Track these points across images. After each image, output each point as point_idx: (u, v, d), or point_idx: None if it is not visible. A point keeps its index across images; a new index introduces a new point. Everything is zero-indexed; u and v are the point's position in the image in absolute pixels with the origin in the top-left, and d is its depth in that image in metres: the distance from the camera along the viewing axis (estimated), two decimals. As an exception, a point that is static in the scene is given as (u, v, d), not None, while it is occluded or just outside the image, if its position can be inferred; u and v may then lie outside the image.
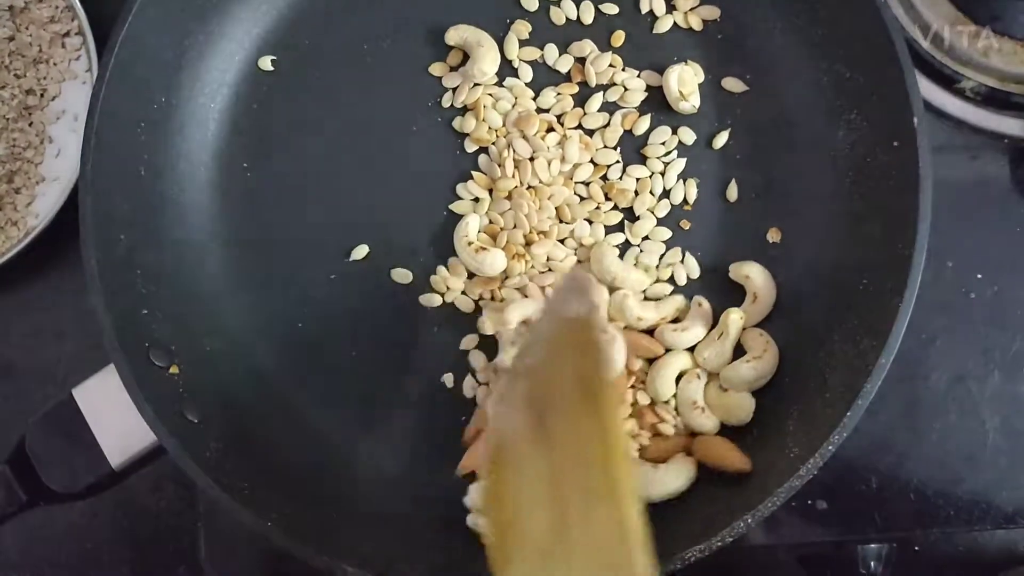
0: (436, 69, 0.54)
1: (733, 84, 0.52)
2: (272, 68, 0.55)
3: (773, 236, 0.51)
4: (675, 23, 0.53)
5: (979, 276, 0.56)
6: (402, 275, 0.52)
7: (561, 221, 0.52)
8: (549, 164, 0.51)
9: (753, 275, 0.50)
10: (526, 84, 0.53)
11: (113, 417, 0.46)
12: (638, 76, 0.53)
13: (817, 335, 0.48)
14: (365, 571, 0.43)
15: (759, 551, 0.55)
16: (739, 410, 0.48)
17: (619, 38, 0.53)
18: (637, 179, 0.52)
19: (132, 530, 0.58)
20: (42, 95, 0.62)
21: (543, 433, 0.30)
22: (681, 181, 0.52)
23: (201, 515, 0.54)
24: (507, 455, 0.31)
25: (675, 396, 0.49)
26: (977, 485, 0.54)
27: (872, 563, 0.55)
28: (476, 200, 0.52)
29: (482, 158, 0.53)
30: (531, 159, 0.51)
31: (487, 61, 0.52)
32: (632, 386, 0.49)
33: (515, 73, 0.54)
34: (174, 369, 0.48)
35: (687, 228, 0.52)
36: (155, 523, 0.58)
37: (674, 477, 0.47)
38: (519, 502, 0.30)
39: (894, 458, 0.54)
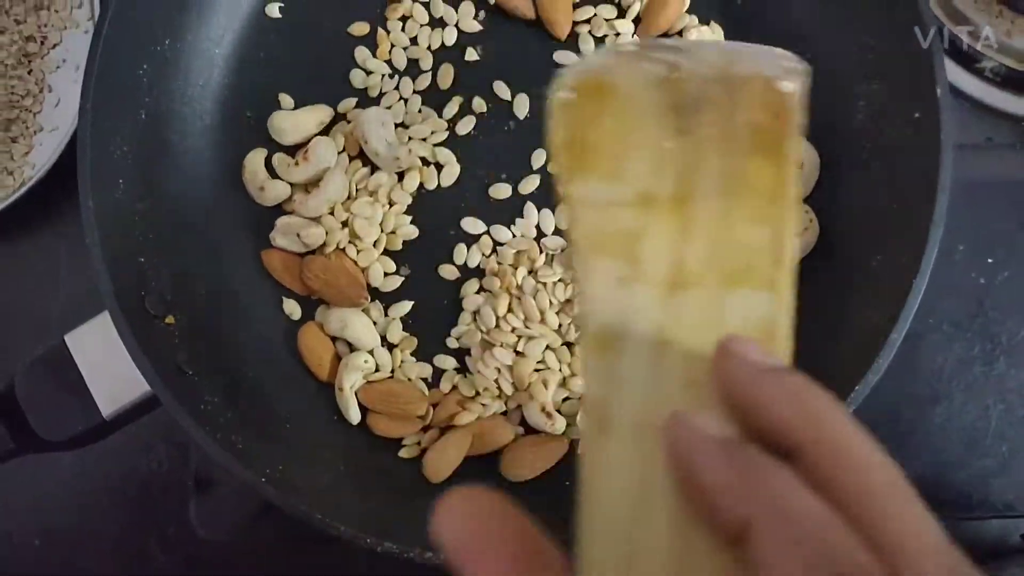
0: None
1: (752, 51, 0.51)
2: (279, 15, 0.53)
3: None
4: (696, -13, 0.52)
5: (989, 261, 0.55)
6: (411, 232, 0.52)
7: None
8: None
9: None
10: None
11: (106, 365, 0.45)
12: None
13: (828, 308, 0.48)
14: (361, 532, 0.42)
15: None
16: None
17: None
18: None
19: (122, 490, 0.58)
20: (42, 42, 0.61)
21: (678, 121, 0.27)
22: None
23: (192, 474, 0.54)
24: (612, 94, 0.28)
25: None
26: (977, 471, 0.54)
27: (868, 546, 0.54)
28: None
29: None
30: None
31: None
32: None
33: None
34: (170, 319, 0.47)
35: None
36: (145, 483, 0.57)
37: None
38: (614, 137, 0.27)
39: (895, 440, 0.54)
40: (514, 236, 0.51)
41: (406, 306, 0.50)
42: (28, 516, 0.58)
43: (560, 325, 0.49)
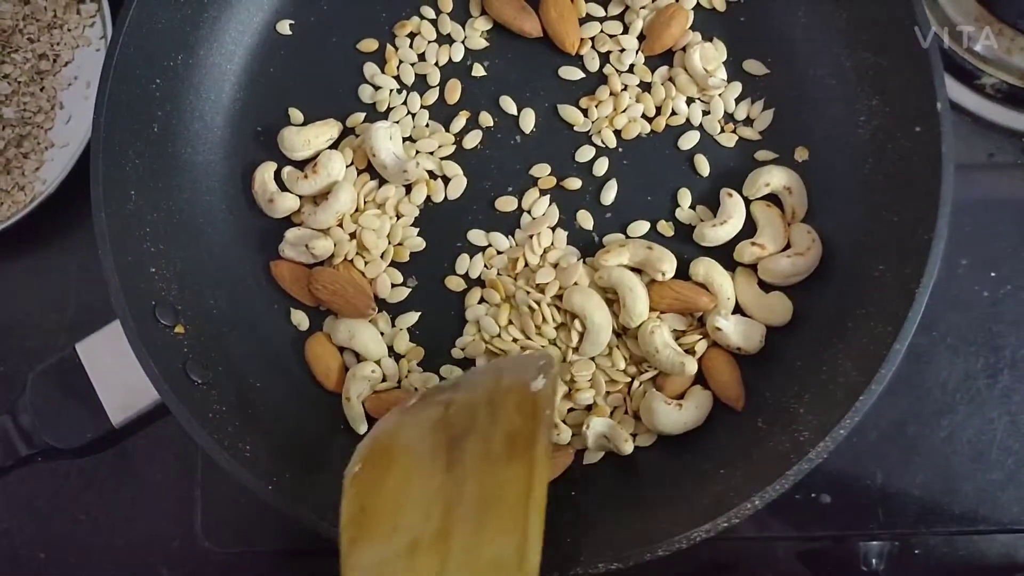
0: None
1: (755, 66, 0.52)
2: (290, 32, 0.54)
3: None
4: (699, 3, 0.53)
5: (992, 274, 0.55)
6: (418, 243, 0.52)
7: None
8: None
9: (774, 180, 0.50)
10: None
11: (116, 374, 0.45)
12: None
13: (832, 320, 0.48)
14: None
15: (757, 548, 0.55)
16: (778, 311, 0.49)
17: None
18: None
19: (127, 500, 0.58)
20: (55, 60, 0.61)
21: (449, 455, 0.31)
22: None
23: (199, 484, 0.54)
24: (393, 455, 0.33)
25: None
26: (982, 484, 0.54)
27: (873, 560, 0.54)
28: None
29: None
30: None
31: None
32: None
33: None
34: (179, 329, 0.47)
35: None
36: (150, 494, 0.58)
37: (692, 410, 0.48)
38: (392, 497, 0.32)
39: (900, 453, 0.54)
40: (512, 246, 0.51)
41: (413, 317, 0.51)
42: (33, 528, 0.58)
43: (556, 339, 0.49)
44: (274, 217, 0.52)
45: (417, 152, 0.52)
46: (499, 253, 0.51)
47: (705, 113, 0.52)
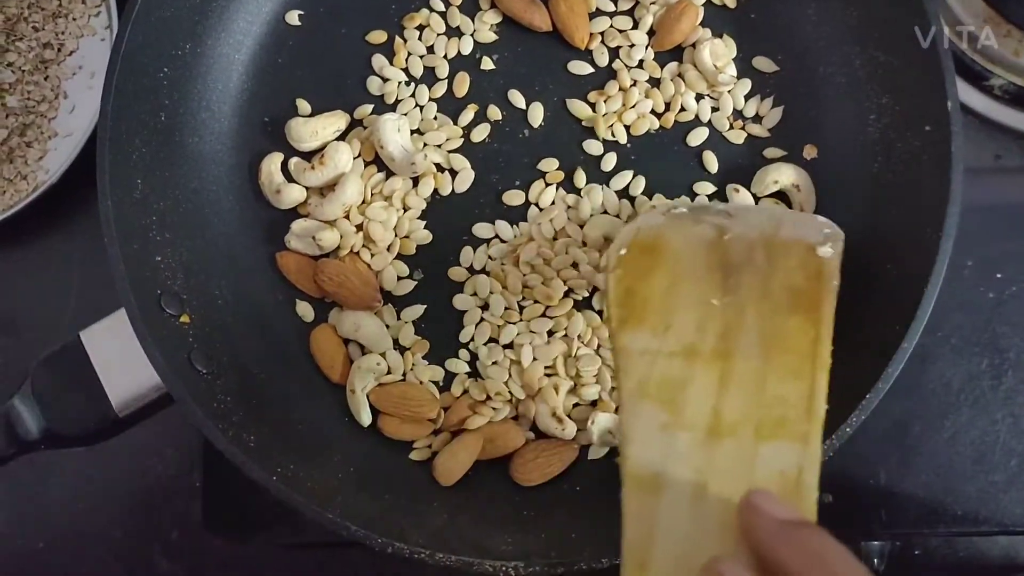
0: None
1: (764, 64, 0.52)
2: (299, 23, 0.54)
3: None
4: (709, 0, 0.53)
5: (998, 276, 0.55)
6: (424, 236, 0.52)
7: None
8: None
9: (782, 178, 0.50)
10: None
11: (120, 363, 0.45)
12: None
13: (838, 318, 0.47)
14: (371, 533, 0.42)
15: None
16: None
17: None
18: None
19: (127, 494, 0.58)
20: (59, 49, 0.61)
21: (724, 279, 0.30)
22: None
23: (201, 475, 0.54)
24: (660, 253, 0.31)
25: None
26: (985, 486, 0.54)
27: (875, 561, 0.54)
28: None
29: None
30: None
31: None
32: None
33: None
34: (185, 318, 0.47)
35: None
36: (151, 488, 0.58)
37: None
38: (662, 292, 0.30)
39: (903, 454, 0.54)
40: (516, 235, 0.51)
41: (418, 310, 0.51)
42: (32, 519, 0.58)
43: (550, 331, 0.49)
44: (280, 208, 0.51)
45: (425, 145, 0.52)
46: (503, 242, 0.51)
47: (714, 110, 0.52)
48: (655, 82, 0.53)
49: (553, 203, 0.51)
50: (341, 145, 0.51)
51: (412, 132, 0.52)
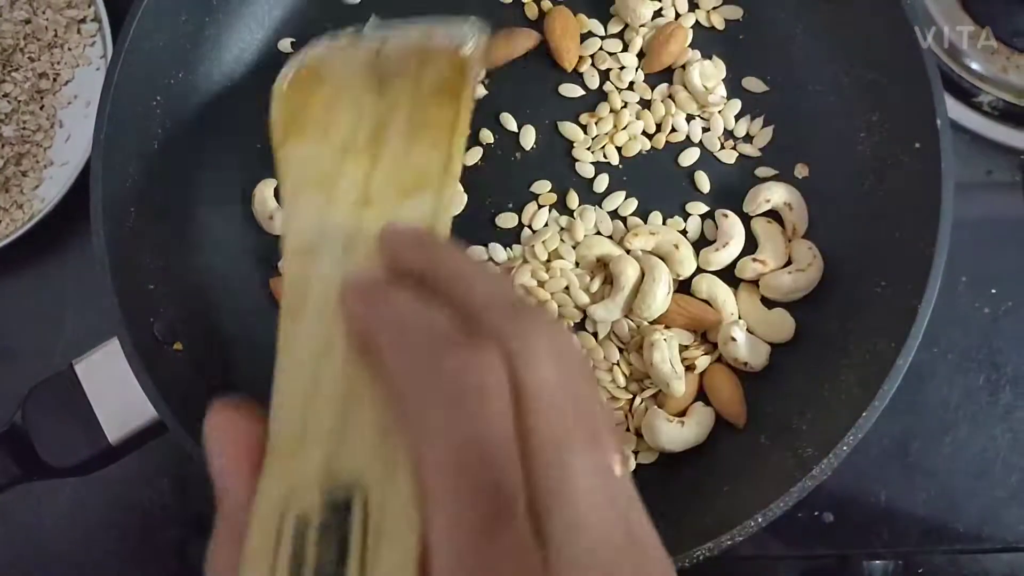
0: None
1: (754, 84, 0.53)
2: (291, 50, 0.54)
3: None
4: (697, 22, 0.53)
5: (993, 291, 0.55)
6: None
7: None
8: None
9: (774, 197, 0.50)
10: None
11: (113, 391, 0.45)
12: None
13: (834, 336, 0.48)
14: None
15: (760, 567, 0.54)
16: (780, 328, 0.49)
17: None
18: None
19: (122, 524, 0.57)
20: (55, 79, 0.62)
21: (380, 87, 0.34)
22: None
23: (195, 505, 0.53)
24: (322, 77, 0.36)
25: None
26: (986, 502, 0.53)
27: (879, 581, 0.54)
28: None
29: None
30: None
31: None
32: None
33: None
34: (178, 346, 0.47)
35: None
36: (146, 517, 0.57)
37: (694, 428, 0.48)
38: (323, 107, 0.34)
39: (903, 471, 0.54)
40: (508, 258, 0.51)
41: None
42: (27, 549, 0.57)
43: None
44: (273, 234, 0.51)
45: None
46: (496, 264, 0.51)
47: (705, 130, 0.52)
48: (646, 103, 0.53)
49: (546, 225, 0.51)
50: None
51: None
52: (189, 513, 0.55)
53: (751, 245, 0.50)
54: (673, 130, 0.52)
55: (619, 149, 0.52)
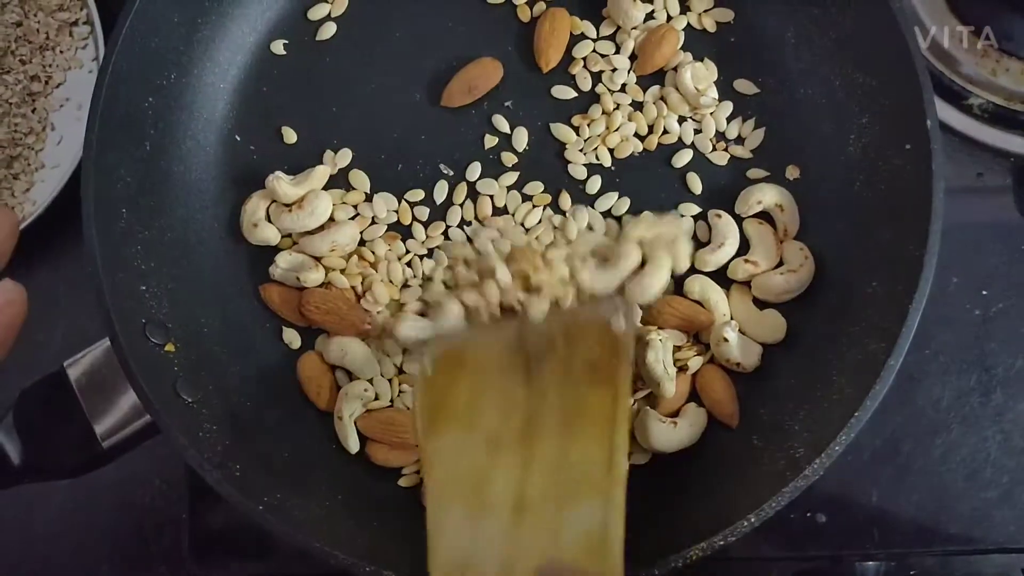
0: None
1: (745, 86, 0.53)
2: (284, 52, 0.54)
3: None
4: (689, 24, 0.54)
5: (984, 293, 0.56)
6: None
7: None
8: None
9: (766, 198, 0.50)
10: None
11: (105, 393, 0.45)
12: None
13: (825, 337, 0.48)
14: (359, 560, 0.42)
15: (752, 568, 0.54)
16: (772, 328, 0.49)
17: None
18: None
19: (113, 527, 0.57)
20: (47, 82, 0.62)
21: (526, 373, 0.32)
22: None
23: (187, 507, 0.53)
24: (465, 364, 0.33)
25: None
26: (977, 503, 0.54)
27: (870, 580, 0.54)
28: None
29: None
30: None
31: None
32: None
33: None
34: (170, 347, 0.47)
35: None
36: (137, 520, 0.57)
37: (686, 428, 0.48)
38: (468, 400, 0.32)
39: (895, 472, 0.54)
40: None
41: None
42: (17, 553, 0.57)
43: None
44: (251, 242, 0.51)
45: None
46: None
47: (697, 132, 0.52)
48: (638, 105, 0.53)
49: (539, 222, 0.52)
50: (323, 194, 0.51)
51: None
52: (180, 516, 0.55)
53: (743, 246, 0.51)
54: (665, 132, 0.52)
55: (611, 151, 0.52)
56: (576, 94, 0.53)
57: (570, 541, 0.28)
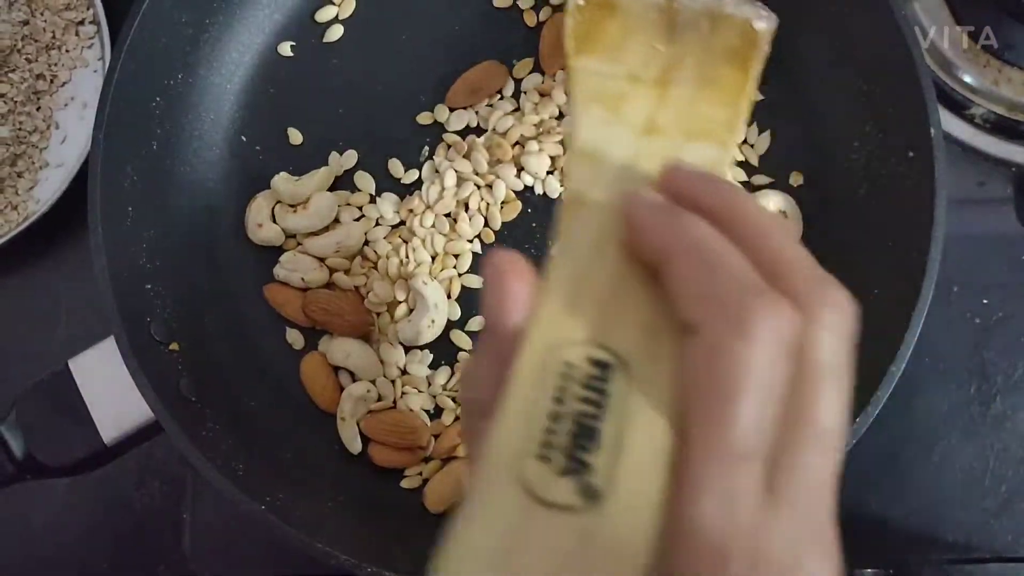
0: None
1: (750, 93, 0.53)
2: (291, 54, 0.55)
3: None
4: (694, 31, 0.54)
5: (984, 301, 0.56)
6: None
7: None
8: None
9: (770, 205, 0.50)
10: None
11: (109, 391, 0.45)
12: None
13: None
14: (361, 562, 0.42)
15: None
16: None
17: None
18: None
19: (113, 525, 0.57)
20: (52, 81, 0.62)
21: (669, 34, 0.34)
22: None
23: (189, 506, 0.53)
24: (614, 8, 0.35)
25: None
26: (976, 512, 0.53)
27: (868, 591, 0.54)
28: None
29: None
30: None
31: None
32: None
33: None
34: (174, 346, 0.47)
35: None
36: (137, 518, 0.57)
37: None
38: (614, 35, 0.34)
39: (893, 481, 0.54)
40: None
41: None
42: (16, 550, 0.57)
43: None
44: (256, 242, 0.51)
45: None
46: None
47: (702, 138, 0.53)
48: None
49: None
50: (328, 195, 0.51)
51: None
52: (182, 515, 0.55)
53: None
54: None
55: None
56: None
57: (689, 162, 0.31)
